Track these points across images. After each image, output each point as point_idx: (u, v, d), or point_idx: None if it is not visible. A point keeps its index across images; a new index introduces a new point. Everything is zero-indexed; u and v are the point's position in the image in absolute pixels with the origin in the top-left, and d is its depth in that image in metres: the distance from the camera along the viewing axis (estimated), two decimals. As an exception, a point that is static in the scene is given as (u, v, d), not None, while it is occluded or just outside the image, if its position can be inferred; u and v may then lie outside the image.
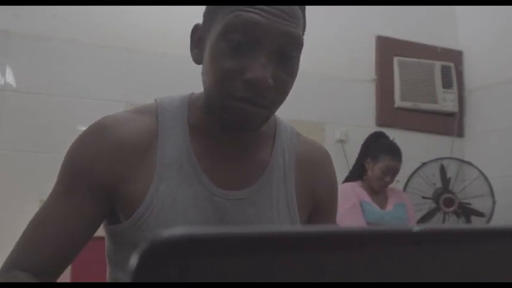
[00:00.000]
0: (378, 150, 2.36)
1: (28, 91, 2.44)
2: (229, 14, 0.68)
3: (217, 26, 0.70)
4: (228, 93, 0.69)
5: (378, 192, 2.41)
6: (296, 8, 0.71)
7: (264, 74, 0.67)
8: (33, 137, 2.40)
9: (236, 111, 0.69)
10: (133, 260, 0.19)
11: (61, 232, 0.71)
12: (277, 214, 0.80)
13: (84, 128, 0.77)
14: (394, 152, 2.35)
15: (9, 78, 2.44)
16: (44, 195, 0.75)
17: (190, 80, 1.88)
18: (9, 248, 0.72)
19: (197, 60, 0.77)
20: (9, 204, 2.31)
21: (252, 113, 0.69)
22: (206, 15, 0.74)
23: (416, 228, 0.25)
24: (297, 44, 0.70)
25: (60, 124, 2.43)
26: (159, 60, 2.65)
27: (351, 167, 2.64)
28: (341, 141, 2.93)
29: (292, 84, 0.73)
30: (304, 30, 0.74)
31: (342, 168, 2.69)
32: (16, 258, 0.71)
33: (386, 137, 2.47)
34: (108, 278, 0.82)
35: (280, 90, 0.71)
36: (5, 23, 2.44)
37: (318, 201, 0.87)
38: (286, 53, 0.69)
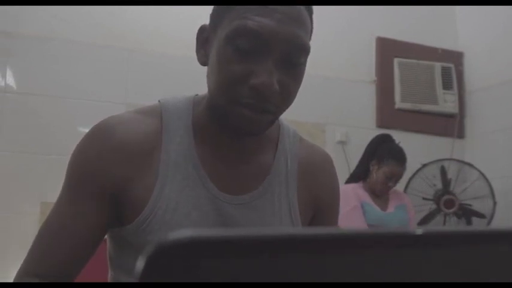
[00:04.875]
0: (384, 153, 2.36)
1: (28, 92, 2.44)
2: (236, 18, 0.67)
3: (224, 29, 0.69)
4: (233, 98, 0.68)
5: (379, 195, 2.41)
6: (304, 11, 0.70)
7: (269, 79, 0.66)
8: (34, 139, 2.40)
9: (240, 116, 0.69)
10: (140, 263, 0.19)
11: (74, 238, 0.71)
12: (279, 219, 0.79)
13: (84, 129, 0.77)
14: (400, 157, 2.36)
15: (10, 79, 2.44)
16: (44, 196, 0.76)
17: (190, 80, 1.88)
18: (10, 248, 0.72)
19: (202, 61, 0.76)
20: (9, 206, 2.31)
21: (256, 119, 0.69)
22: (213, 17, 0.74)
23: (419, 230, 0.25)
24: (303, 51, 0.70)
25: (60, 125, 2.43)
26: (159, 60, 2.65)
27: (351, 168, 2.64)
28: (341, 142, 2.93)
29: (297, 90, 0.72)
30: (311, 33, 0.74)
31: (342, 169, 2.69)
32: (30, 266, 0.71)
33: (393, 141, 2.48)
34: (109, 280, 0.82)
35: (286, 96, 0.70)
36: (5, 23, 2.44)
37: (320, 205, 0.87)
38: (292, 60, 0.69)
